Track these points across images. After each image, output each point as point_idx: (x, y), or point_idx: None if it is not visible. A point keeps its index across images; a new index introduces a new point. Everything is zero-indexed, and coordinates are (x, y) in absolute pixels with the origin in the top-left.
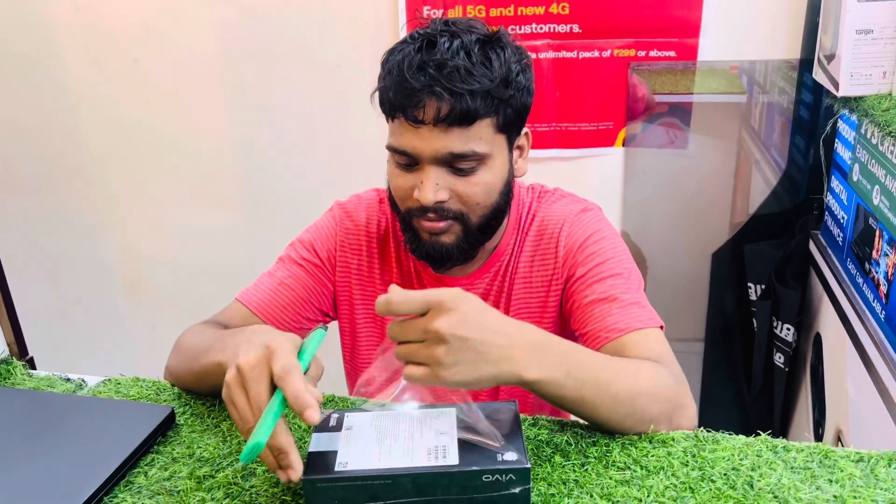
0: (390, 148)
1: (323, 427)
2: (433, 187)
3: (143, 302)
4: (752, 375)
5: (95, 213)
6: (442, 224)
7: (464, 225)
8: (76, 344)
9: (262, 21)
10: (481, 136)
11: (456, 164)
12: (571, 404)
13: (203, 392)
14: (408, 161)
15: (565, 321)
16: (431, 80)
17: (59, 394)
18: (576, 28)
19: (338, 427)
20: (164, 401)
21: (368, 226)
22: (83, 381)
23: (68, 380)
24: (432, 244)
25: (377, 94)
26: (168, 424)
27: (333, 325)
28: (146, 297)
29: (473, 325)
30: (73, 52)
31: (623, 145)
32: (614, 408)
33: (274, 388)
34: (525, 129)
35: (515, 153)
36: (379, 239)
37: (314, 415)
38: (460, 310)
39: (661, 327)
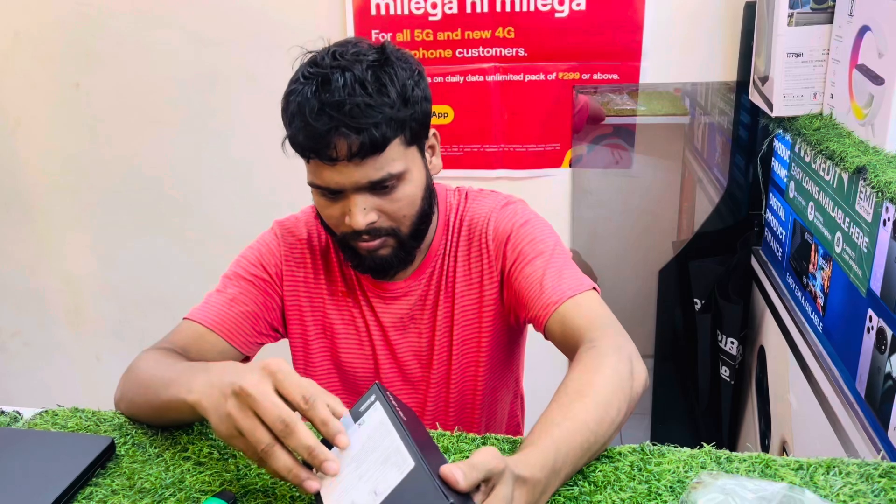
0: (312, 185)
1: None
2: (361, 212)
3: (85, 333)
4: (699, 388)
5: (34, 241)
6: (377, 242)
7: (397, 238)
8: (15, 377)
9: (207, 46)
10: (394, 158)
11: (376, 187)
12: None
13: (160, 425)
14: (332, 193)
15: (507, 314)
16: (335, 122)
17: None
18: (521, 52)
19: None
20: (105, 431)
21: (311, 239)
22: (18, 413)
23: (2, 412)
24: (372, 258)
25: (290, 142)
26: (108, 455)
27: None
28: (89, 327)
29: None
30: (11, 76)
31: (570, 166)
32: (601, 443)
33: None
34: (432, 131)
35: (427, 154)
36: (322, 251)
37: (345, 439)
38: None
39: (595, 289)
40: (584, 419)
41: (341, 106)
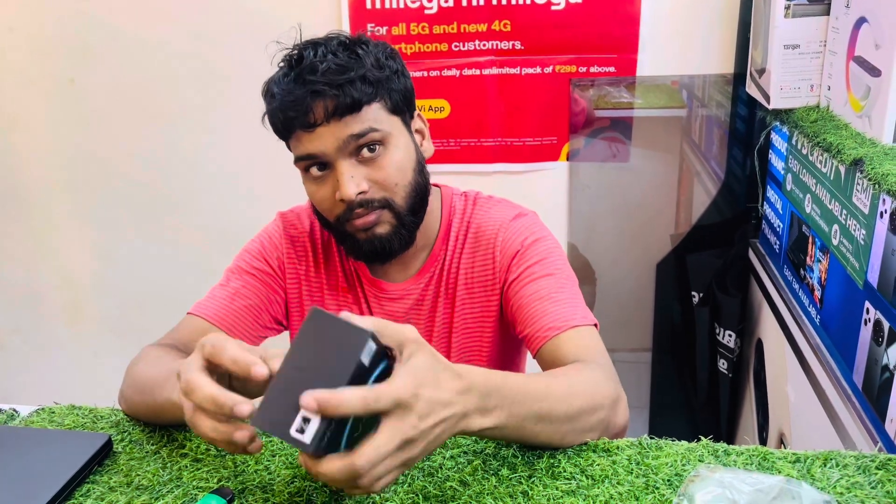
0: (298, 159)
1: None
2: (350, 181)
3: (84, 330)
4: (697, 382)
5: (32, 239)
6: (372, 216)
7: (392, 210)
8: (14, 375)
9: (205, 42)
10: (375, 118)
11: (360, 147)
12: (513, 438)
13: (160, 425)
14: (318, 167)
15: (507, 325)
16: (311, 85)
17: None
18: (518, 45)
19: None
20: (102, 428)
21: (313, 232)
22: (15, 410)
23: None
24: (370, 241)
25: (270, 121)
26: (105, 453)
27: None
28: (87, 325)
29: (437, 406)
30: (6, 72)
31: (567, 159)
32: (553, 430)
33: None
34: (417, 112)
35: (417, 137)
36: (323, 244)
37: (262, 369)
38: (421, 398)
39: (596, 325)
40: (546, 384)
41: (314, 70)
